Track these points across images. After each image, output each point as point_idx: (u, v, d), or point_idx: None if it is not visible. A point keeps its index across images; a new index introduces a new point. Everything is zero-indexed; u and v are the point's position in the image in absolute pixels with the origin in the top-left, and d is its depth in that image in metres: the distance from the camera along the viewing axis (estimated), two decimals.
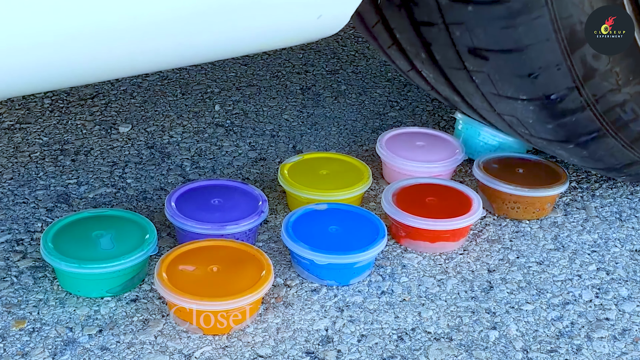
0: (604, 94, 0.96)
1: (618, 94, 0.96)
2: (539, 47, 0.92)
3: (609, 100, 0.97)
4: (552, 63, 0.93)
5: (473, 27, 0.94)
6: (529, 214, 1.11)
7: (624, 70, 0.95)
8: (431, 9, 0.98)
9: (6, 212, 1.07)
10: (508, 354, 0.87)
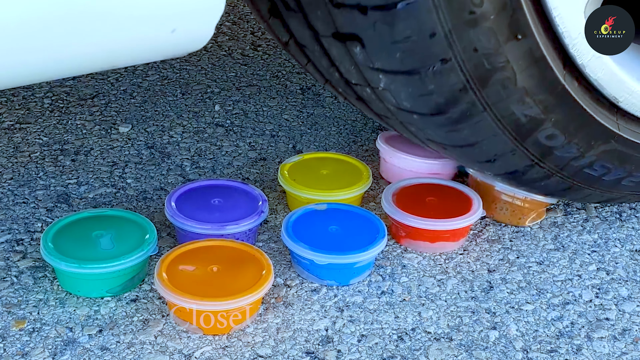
0: (567, 162, 0.98)
1: (583, 159, 0.97)
2: (488, 141, 0.94)
3: (574, 165, 0.98)
4: (507, 150, 0.95)
5: (424, 128, 0.97)
6: (515, 218, 1.11)
7: (583, 140, 0.95)
8: (380, 117, 1.02)
9: (6, 212, 1.07)
10: (508, 354, 0.87)
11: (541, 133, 0.93)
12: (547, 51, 0.86)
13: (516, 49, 0.84)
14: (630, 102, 0.95)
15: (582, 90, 0.92)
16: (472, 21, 0.81)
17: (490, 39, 0.83)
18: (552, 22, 0.85)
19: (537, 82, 0.88)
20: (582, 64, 0.89)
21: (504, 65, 0.85)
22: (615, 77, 0.92)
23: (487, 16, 0.81)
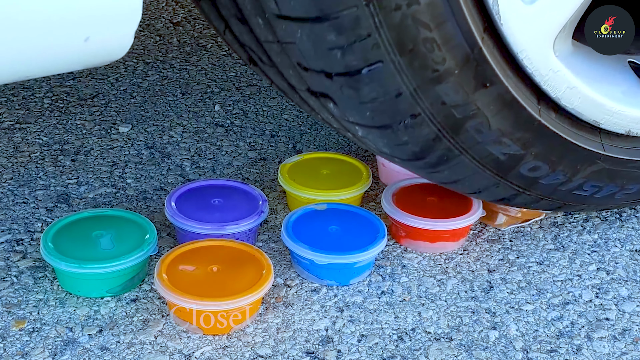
0: (555, 188, 0.97)
1: (570, 183, 0.97)
2: (470, 179, 0.94)
3: (563, 190, 0.98)
4: (490, 184, 0.95)
5: (408, 168, 0.98)
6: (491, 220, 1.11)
7: (568, 166, 0.95)
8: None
9: (6, 212, 1.07)
10: (508, 354, 0.87)
11: (523, 167, 0.93)
12: (518, 92, 0.86)
13: (485, 96, 0.84)
14: (612, 122, 0.93)
15: (560, 120, 0.91)
16: (437, 78, 0.81)
17: (457, 92, 0.83)
18: (520, 64, 0.84)
19: (511, 122, 0.87)
20: (557, 97, 0.88)
21: (475, 113, 0.85)
22: (592, 102, 0.91)
23: (451, 72, 0.81)
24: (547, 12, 0.83)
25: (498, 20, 0.80)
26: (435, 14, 0.77)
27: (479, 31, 0.80)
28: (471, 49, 0.80)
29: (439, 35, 0.78)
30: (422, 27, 0.77)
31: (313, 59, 0.81)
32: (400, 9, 0.75)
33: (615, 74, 0.97)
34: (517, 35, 0.82)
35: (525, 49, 0.83)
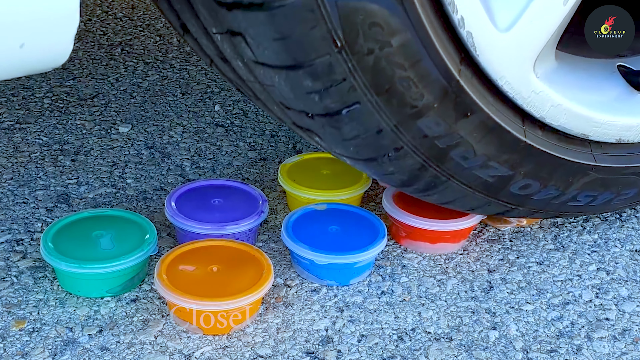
0: (548, 202, 0.98)
1: (564, 196, 0.98)
2: (461, 200, 0.96)
3: (556, 203, 0.99)
4: (482, 204, 0.97)
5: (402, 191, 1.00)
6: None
7: (560, 180, 0.95)
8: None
9: (6, 212, 1.07)
10: (508, 354, 0.87)
11: (513, 186, 0.93)
12: (501, 117, 0.86)
13: (468, 125, 0.84)
14: (601, 133, 0.93)
15: (548, 138, 0.91)
16: (416, 114, 0.81)
17: (438, 124, 0.83)
18: (501, 90, 0.84)
19: (497, 146, 0.87)
20: (541, 116, 0.88)
21: (459, 142, 0.85)
22: (579, 117, 0.91)
23: (430, 106, 0.81)
24: (524, 37, 0.82)
25: (474, 52, 0.80)
26: (409, 54, 0.77)
27: (455, 64, 0.80)
28: (448, 83, 0.80)
29: (415, 73, 0.78)
30: (397, 68, 0.77)
31: (293, 100, 0.82)
32: (372, 53, 0.75)
33: (604, 81, 0.96)
34: (495, 64, 0.82)
35: (504, 75, 0.83)
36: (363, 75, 0.77)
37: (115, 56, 1.62)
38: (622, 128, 0.94)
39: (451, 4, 0.76)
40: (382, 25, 0.74)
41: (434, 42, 0.77)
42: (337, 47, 0.74)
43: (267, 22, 0.73)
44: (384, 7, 0.73)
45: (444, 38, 0.78)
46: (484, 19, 0.79)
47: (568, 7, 0.83)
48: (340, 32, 0.73)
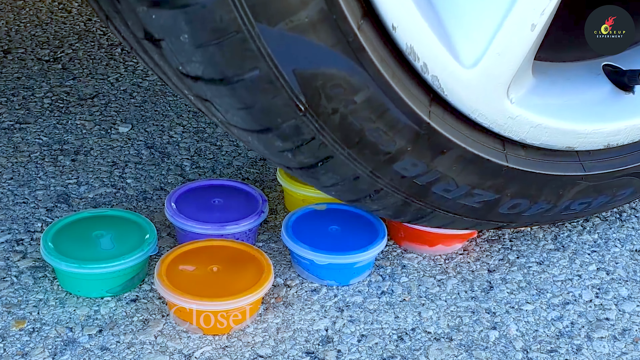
0: (541, 215, 0.98)
1: (557, 207, 0.97)
2: (453, 224, 0.96)
3: (550, 214, 0.98)
4: (474, 224, 0.97)
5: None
6: None
7: (550, 195, 0.94)
8: None
9: (6, 212, 1.07)
10: (508, 354, 0.87)
11: (502, 207, 0.93)
12: (479, 148, 0.85)
13: (445, 160, 0.84)
14: (587, 142, 0.92)
15: (531, 156, 0.90)
16: (390, 159, 0.82)
17: (415, 165, 0.83)
18: (476, 122, 0.84)
19: (479, 175, 0.87)
20: (522, 139, 0.88)
21: (438, 177, 0.86)
22: (562, 132, 0.90)
23: (404, 150, 0.81)
24: (493, 69, 0.81)
25: (442, 93, 0.80)
26: (374, 107, 0.77)
27: (424, 107, 0.80)
28: (419, 126, 0.80)
29: (383, 123, 0.78)
30: (364, 121, 0.78)
31: (269, 156, 0.83)
32: (337, 112, 0.76)
33: (588, 87, 0.95)
34: (466, 100, 0.81)
35: (477, 108, 0.83)
36: (331, 132, 0.78)
37: (115, 56, 1.62)
38: (609, 134, 0.93)
39: (411, 53, 0.76)
40: (343, 86, 0.74)
41: (398, 92, 0.77)
42: (301, 111, 0.75)
43: (229, 94, 0.74)
44: (342, 69, 0.73)
45: (410, 85, 0.78)
46: (447, 60, 0.78)
47: (536, 32, 0.81)
48: (303, 98, 0.74)
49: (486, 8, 0.79)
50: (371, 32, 0.73)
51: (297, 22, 0.68)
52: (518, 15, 0.79)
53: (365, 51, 0.73)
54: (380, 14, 0.73)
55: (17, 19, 1.75)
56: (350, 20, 0.70)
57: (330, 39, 0.70)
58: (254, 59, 0.70)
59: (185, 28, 0.68)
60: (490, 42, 0.79)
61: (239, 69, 0.71)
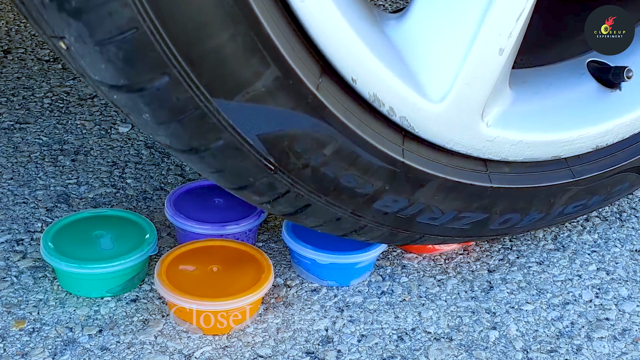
0: (535, 223, 0.97)
1: (550, 214, 0.96)
2: (446, 242, 0.97)
3: (545, 221, 0.98)
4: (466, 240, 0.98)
5: None
6: None
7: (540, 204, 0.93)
8: None
9: (6, 212, 1.07)
10: (508, 354, 0.87)
11: (493, 224, 0.92)
12: (460, 175, 0.85)
13: (426, 192, 0.84)
14: (574, 148, 0.91)
15: (517, 170, 0.89)
16: (369, 199, 0.82)
17: (396, 201, 0.83)
18: (452, 150, 0.83)
19: (463, 200, 0.87)
20: (504, 157, 0.87)
21: (422, 208, 0.85)
22: (545, 144, 0.89)
23: (382, 189, 0.81)
24: (463, 99, 0.80)
25: (413, 131, 0.79)
26: (345, 157, 0.77)
27: (397, 147, 0.79)
28: (394, 165, 0.80)
29: (357, 169, 0.79)
30: (337, 170, 0.78)
31: (253, 204, 0.84)
32: (308, 165, 0.76)
33: (572, 90, 0.93)
34: (439, 133, 0.81)
35: (451, 139, 0.82)
36: (305, 185, 0.78)
37: None
38: (598, 135, 0.92)
39: (375, 101, 0.76)
40: (310, 143, 0.74)
41: (366, 139, 0.77)
42: (271, 170, 0.75)
43: (199, 161, 0.75)
44: (306, 128, 0.73)
45: (380, 128, 0.78)
46: (414, 99, 0.77)
47: (505, 55, 0.79)
48: (271, 158, 0.74)
49: (449, 42, 0.78)
50: (332, 87, 0.73)
51: (254, 92, 0.69)
52: (483, 43, 0.77)
53: (327, 107, 0.73)
54: (338, 70, 0.72)
55: (17, 19, 1.75)
56: (308, 83, 0.70)
57: (289, 102, 0.71)
58: (217, 131, 0.70)
59: (145, 109, 0.69)
60: (457, 74, 0.78)
61: (204, 141, 0.72)
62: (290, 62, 0.68)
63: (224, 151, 0.73)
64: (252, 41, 0.66)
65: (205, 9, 0.63)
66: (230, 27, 0.64)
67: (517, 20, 0.78)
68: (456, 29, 0.77)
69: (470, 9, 0.77)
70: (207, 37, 0.64)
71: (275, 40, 0.67)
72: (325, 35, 0.70)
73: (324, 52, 0.71)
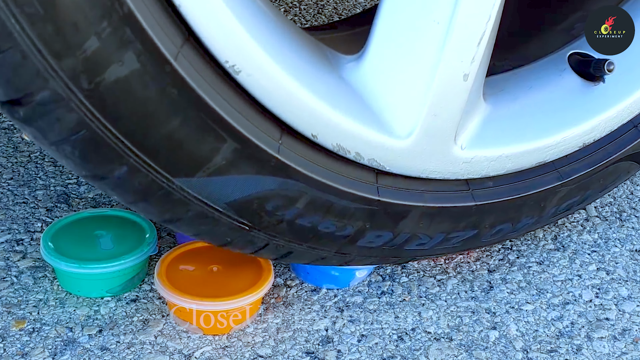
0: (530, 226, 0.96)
1: (542, 218, 0.95)
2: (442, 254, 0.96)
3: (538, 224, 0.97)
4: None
5: None
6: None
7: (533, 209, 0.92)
8: None
9: (6, 212, 1.07)
10: (508, 354, 0.87)
11: (485, 236, 0.92)
12: (442, 200, 0.84)
13: (409, 222, 0.83)
14: (560, 150, 0.89)
15: (501, 183, 0.88)
16: (352, 239, 0.82)
17: (380, 236, 0.83)
18: (430, 178, 0.83)
19: (450, 221, 0.86)
20: (485, 174, 0.85)
21: (409, 237, 0.85)
22: (527, 153, 0.87)
23: (363, 228, 0.82)
24: (431, 130, 0.78)
25: (384, 169, 0.79)
26: (320, 206, 0.77)
27: (370, 187, 0.79)
28: (371, 205, 0.79)
29: (333, 215, 0.79)
30: (314, 218, 0.78)
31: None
32: (283, 220, 0.76)
33: (553, 90, 0.91)
34: (411, 166, 0.80)
35: (425, 168, 0.81)
36: (283, 237, 0.79)
37: None
38: (584, 134, 0.90)
39: (340, 150, 0.75)
40: (280, 201, 0.74)
41: (338, 187, 0.77)
42: (247, 229, 0.76)
43: (176, 228, 0.77)
44: (273, 188, 0.73)
45: (350, 172, 0.77)
46: (380, 140, 0.77)
47: (471, 80, 0.77)
48: (244, 220, 0.75)
49: (410, 76, 0.76)
50: (294, 145, 0.73)
51: (215, 166, 0.69)
52: (445, 72, 0.76)
53: (290, 166, 0.73)
54: (297, 130, 0.72)
55: None
56: (268, 148, 0.70)
57: (252, 169, 0.71)
58: (185, 204, 0.71)
59: (113, 192, 0.71)
60: (423, 106, 0.77)
61: (174, 214, 0.73)
62: (246, 133, 0.68)
63: (195, 220, 0.74)
64: (204, 122, 0.66)
65: (150, 102, 0.63)
66: (180, 114, 0.65)
67: (478, 44, 0.76)
68: (416, 62, 0.76)
69: (428, 40, 0.75)
70: (157, 126, 0.65)
71: (227, 118, 0.67)
72: (280, 103, 0.70)
73: (281, 117, 0.71)
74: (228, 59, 0.65)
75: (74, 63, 0.59)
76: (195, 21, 0.63)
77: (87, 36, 0.58)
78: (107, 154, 0.65)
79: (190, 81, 0.63)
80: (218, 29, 0.64)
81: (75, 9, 0.57)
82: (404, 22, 0.76)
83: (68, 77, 0.60)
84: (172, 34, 0.62)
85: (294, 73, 0.70)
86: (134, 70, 0.61)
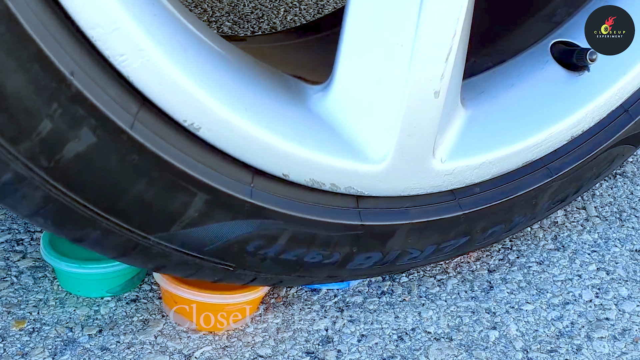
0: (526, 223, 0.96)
1: (536, 216, 0.95)
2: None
3: (534, 219, 0.96)
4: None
5: None
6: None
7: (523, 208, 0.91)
8: None
9: (6, 212, 1.07)
10: (508, 354, 0.87)
11: (479, 239, 0.92)
12: (428, 214, 0.84)
13: (398, 240, 0.83)
14: (546, 147, 0.87)
15: (487, 188, 0.87)
16: (341, 264, 0.83)
17: (369, 258, 0.84)
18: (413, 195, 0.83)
19: (438, 233, 0.86)
20: (470, 182, 0.85)
21: (400, 254, 0.86)
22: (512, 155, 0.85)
23: (351, 253, 0.82)
24: (407, 149, 0.77)
25: (364, 194, 0.79)
26: (302, 240, 0.78)
27: (352, 213, 0.79)
28: (355, 230, 0.80)
29: (317, 246, 0.79)
30: (298, 252, 0.79)
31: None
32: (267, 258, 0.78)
33: (536, 85, 0.89)
34: (390, 187, 0.79)
35: (406, 187, 0.80)
36: (270, 271, 0.80)
37: None
38: (571, 127, 0.88)
39: (315, 183, 0.75)
40: (261, 241, 0.75)
41: (318, 219, 0.77)
42: (232, 269, 0.77)
43: (163, 272, 0.79)
44: (252, 230, 0.74)
45: (330, 202, 0.77)
46: (355, 168, 0.76)
47: (442, 96, 0.76)
48: (228, 262, 0.76)
49: (379, 100, 0.75)
50: (267, 186, 0.73)
51: (189, 219, 0.70)
52: (415, 91, 0.74)
53: (266, 208, 0.73)
54: (268, 172, 0.72)
55: None
56: (240, 195, 0.71)
57: (227, 216, 0.71)
58: (165, 256, 0.73)
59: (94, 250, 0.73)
60: (395, 129, 0.75)
61: (157, 264, 0.75)
62: (214, 185, 0.69)
63: (179, 266, 0.75)
64: (170, 180, 0.67)
65: (112, 171, 0.64)
66: (144, 177, 0.65)
67: (446, 60, 0.74)
68: (384, 86, 0.75)
69: (393, 63, 0.74)
70: (124, 191, 0.66)
71: (192, 174, 0.67)
72: (245, 150, 0.70)
73: (249, 163, 0.71)
74: (186, 118, 0.65)
75: (30, 145, 0.60)
76: (148, 89, 0.63)
77: (39, 119, 0.59)
78: (79, 221, 0.67)
79: (149, 145, 0.64)
80: (172, 93, 0.64)
81: (23, 96, 0.58)
82: (368, 47, 0.74)
83: (27, 158, 0.61)
84: (127, 103, 0.62)
85: (255, 119, 0.69)
86: (92, 144, 0.62)
